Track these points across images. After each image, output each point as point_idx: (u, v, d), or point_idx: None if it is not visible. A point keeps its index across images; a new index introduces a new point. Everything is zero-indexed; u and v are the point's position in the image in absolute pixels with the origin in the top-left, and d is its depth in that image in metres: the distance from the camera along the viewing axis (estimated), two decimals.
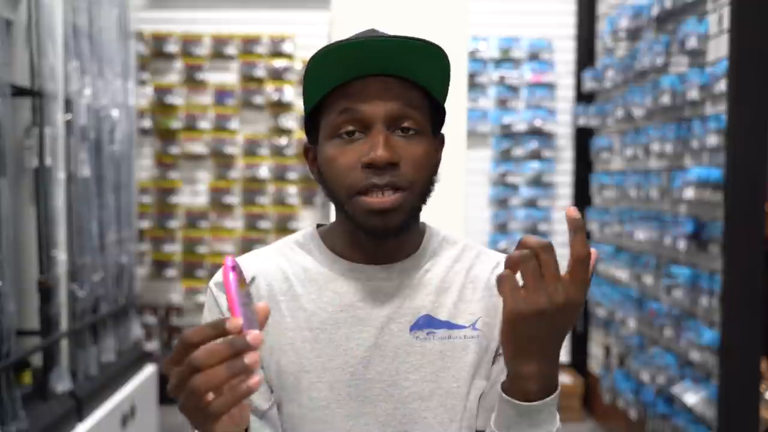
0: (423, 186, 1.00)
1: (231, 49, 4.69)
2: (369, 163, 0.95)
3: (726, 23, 2.76)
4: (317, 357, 1.01)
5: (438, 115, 1.04)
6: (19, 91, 2.66)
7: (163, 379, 4.12)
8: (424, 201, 1.02)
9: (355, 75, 0.96)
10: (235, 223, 4.75)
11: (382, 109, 0.96)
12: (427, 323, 1.03)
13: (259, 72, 4.69)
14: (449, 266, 1.07)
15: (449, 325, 1.03)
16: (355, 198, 0.97)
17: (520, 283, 0.86)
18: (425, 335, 1.02)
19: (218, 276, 1.05)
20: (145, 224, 4.69)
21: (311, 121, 1.03)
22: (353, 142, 0.97)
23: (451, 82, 1.02)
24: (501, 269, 1.05)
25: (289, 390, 1.01)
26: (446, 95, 1.04)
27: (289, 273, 1.05)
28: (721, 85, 2.77)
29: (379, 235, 0.99)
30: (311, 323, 1.02)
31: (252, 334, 0.73)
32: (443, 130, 1.08)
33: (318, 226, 1.11)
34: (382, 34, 0.99)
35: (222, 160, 4.73)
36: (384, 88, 0.97)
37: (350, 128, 0.97)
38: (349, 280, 1.04)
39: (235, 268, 0.76)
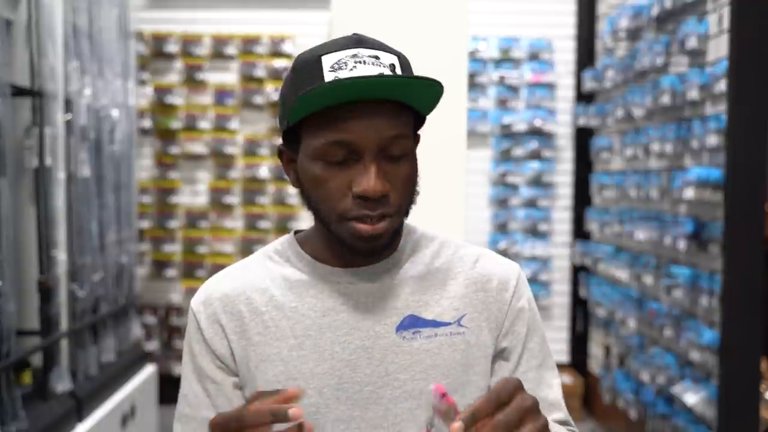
0: (408, 206, 1.01)
1: (231, 49, 4.69)
2: (362, 195, 0.94)
3: (726, 23, 2.76)
4: (304, 364, 1.00)
5: (418, 121, 1.03)
6: (19, 91, 2.66)
7: (163, 379, 4.11)
8: (407, 215, 1.03)
9: (344, 100, 0.93)
10: (235, 223, 4.75)
11: (373, 138, 0.93)
12: (413, 323, 1.02)
13: (259, 72, 4.69)
14: (429, 263, 1.07)
15: (434, 323, 1.03)
16: (344, 222, 0.97)
17: None
18: (411, 335, 1.02)
19: (198, 297, 1.06)
20: (145, 224, 4.69)
21: (291, 130, 1.00)
22: (342, 167, 0.95)
23: (451, 82, 1.01)
24: (481, 264, 1.08)
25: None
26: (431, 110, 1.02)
27: (269, 283, 1.05)
28: (721, 85, 2.77)
29: (364, 256, 1.01)
30: (295, 331, 1.02)
31: None
32: (443, 131, 1.08)
33: (296, 232, 1.11)
34: (367, 49, 0.95)
35: (222, 160, 4.73)
36: (374, 114, 0.93)
37: (339, 154, 0.95)
38: (330, 284, 1.04)
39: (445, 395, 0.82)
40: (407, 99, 0.96)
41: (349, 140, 0.93)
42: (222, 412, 0.85)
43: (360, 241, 0.97)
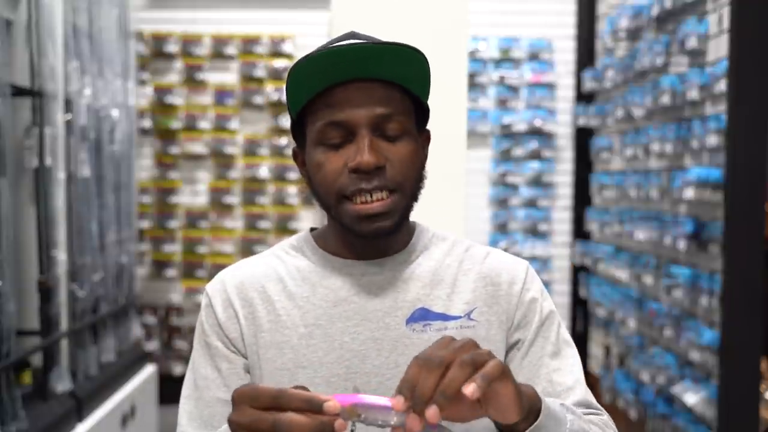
0: (412, 187, 1.02)
1: (231, 49, 4.69)
2: (355, 168, 0.97)
3: (726, 23, 2.76)
4: (313, 353, 1.02)
5: (421, 112, 1.06)
6: (19, 91, 2.66)
7: (163, 379, 4.11)
8: (414, 200, 1.04)
9: (335, 81, 0.98)
10: (235, 223, 4.75)
11: (365, 115, 0.98)
12: (423, 316, 1.04)
13: (259, 72, 4.69)
14: (440, 260, 1.09)
15: (444, 317, 1.04)
16: (343, 203, 0.99)
17: None
18: (422, 327, 1.03)
19: (213, 282, 1.09)
20: (145, 224, 4.69)
21: (297, 126, 1.05)
22: (339, 148, 0.99)
23: (451, 82, 1.03)
24: (491, 260, 1.10)
25: (285, 386, 1.01)
26: (428, 93, 1.05)
27: (283, 274, 1.08)
28: (721, 85, 2.77)
29: (370, 239, 1.02)
30: (306, 320, 1.04)
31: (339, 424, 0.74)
32: (443, 131, 1.09)
33: (312, 230, 1.14)
34: (359, 40, 1.01)
35: (222, 160, 4.73)
36: (366, 93, 0.98)
37: (336, 136, 0.99)
38: (342, 276, 1.06)
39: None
40: (394, 76, 0.99)
41: (342, 119, 0.98)
42: (248, 384, 0.81)
43: (360, 222, 0.99)
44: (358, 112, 0.97)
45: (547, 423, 0.85)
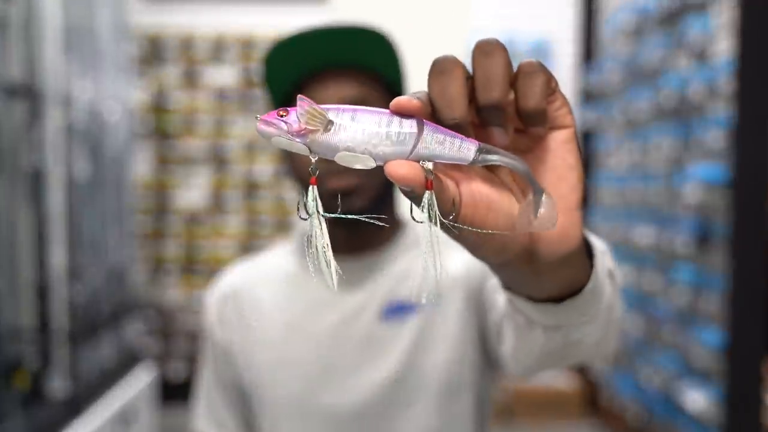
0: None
1: (231, 49, 4.68)
2: None
3: (729, 22, 2.75)
4: (292, 350, 1.05)
5: None
6: (16, 91, 2.66)
7: (162, 380, 4.11)
8: (390, 186, 1.02)
9: (306, 70, 1.00)
10: (235, 223, 4.74)
11: (333, 95, 0.99)
12: (396, 309, 1.06)
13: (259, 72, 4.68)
14: (419, 253, 1.09)
15: (416, 306, 1.05)
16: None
17: None
18: (395, 320, 1.05)
19: (213, 287, 1.15)
20: (145, 224, 4.68)
21: None
22: None
23: None
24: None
25: (266, 385, 1.05)
26: (403, 83, 1.05)
27: (273, 275, 1.12)
28: (724, 85, 2.76)
29: (342, 224, 1.00)
30: (285, 318, 1.07)
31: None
32: None
33: None
34: (327, 25, 1.03)
35: (221, 161, 4.72)
36: (337, 77, 1.00)
37: None
38: (321, 274, 1.06)
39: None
40: (360, 58, 1.00)
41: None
42: None
43: (331, 200, 0.97)
44: (329, 94, 0.98)
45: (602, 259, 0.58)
